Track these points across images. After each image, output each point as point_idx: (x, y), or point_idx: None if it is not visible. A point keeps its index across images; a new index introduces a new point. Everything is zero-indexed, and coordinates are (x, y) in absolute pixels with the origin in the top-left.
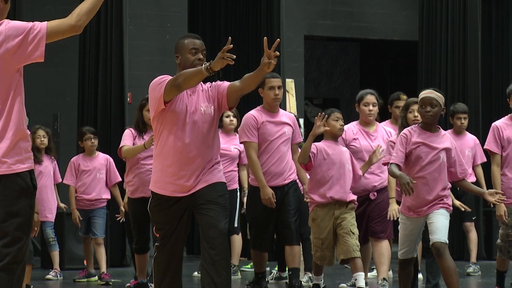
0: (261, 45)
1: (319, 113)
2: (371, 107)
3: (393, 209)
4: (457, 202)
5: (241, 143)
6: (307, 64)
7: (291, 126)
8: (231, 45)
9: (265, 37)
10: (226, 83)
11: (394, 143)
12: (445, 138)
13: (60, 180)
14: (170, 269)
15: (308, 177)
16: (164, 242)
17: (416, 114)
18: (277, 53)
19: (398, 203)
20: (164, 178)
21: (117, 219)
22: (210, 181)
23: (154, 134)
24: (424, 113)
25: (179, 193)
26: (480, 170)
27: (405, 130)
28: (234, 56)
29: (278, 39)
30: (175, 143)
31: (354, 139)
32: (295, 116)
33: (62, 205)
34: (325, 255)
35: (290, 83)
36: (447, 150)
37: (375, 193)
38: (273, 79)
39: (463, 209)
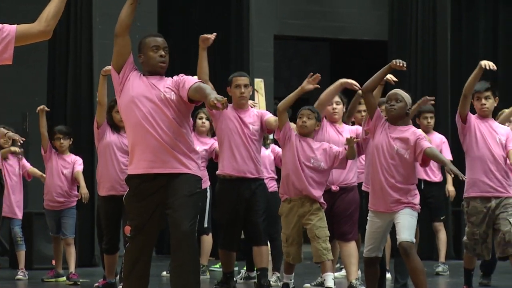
0: (231, 44)
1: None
2: (334, 106)
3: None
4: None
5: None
6: (278, 63)
7: (258, 123)
8: None
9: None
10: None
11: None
12: (411, 133)
13: (31, 178)
14: (140, 261)
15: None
16: (136, 233)
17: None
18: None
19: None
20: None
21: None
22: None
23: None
24: (389, 107)
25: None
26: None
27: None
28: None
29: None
30: None
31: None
32: None
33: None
34: (289, 251)
35: (259, 83)
36: (405, 140)
37: (337, 187)
38: (240, 77)
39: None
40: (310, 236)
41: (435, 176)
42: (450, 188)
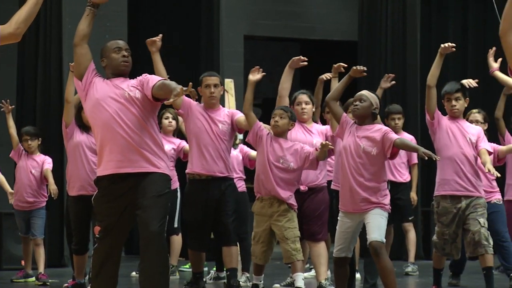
0: (201, 45)
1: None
2: (303, 105)
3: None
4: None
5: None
6: (248, 64)
7: (228, 123)
8: None
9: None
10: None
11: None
12: (377, 130)
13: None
14: (109, 262)
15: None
16: (104, 234)
17: None
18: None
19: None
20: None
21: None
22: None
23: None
24: (353, 107)
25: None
26: (415, 170)
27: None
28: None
29: (191, 83)
30: None
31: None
32: None
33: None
34: (254, 249)
35: (229, 83)
36: (371, 138)
37: (306, 187)
38: (209, 77)
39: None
40: (279, 237)
41: (401, 176)
42: (414, 196)
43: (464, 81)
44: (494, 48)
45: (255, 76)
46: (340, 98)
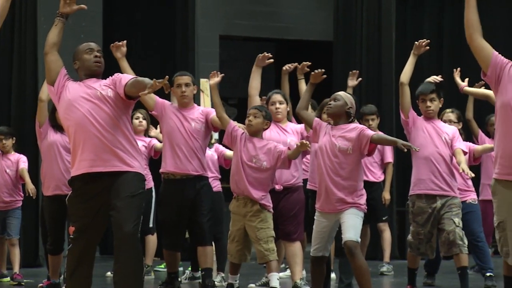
0: (176, 45)
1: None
2: (277, 105)
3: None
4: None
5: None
6: (223, 64)
7: (203, 121)
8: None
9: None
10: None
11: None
12: (352, 129)
13: None
14: (83, 262)
15: None
16: (79, 234)
17: None
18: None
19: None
20: None
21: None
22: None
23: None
24: (327, 106)
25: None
26: (390, 168)
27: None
28: (81, 6)
29: (167, 76)
30: None
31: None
32: None
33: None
34: (229, 248)
35: (204, 83)
36: (347, 137)
37: (281, 186)
38: (180, 77)
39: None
40: (252, 238)
41: (374, 176)
42: (386, 196)
43: (430, 79)
44: (459, 69)
45: (214, 80)
46: (307, 106)
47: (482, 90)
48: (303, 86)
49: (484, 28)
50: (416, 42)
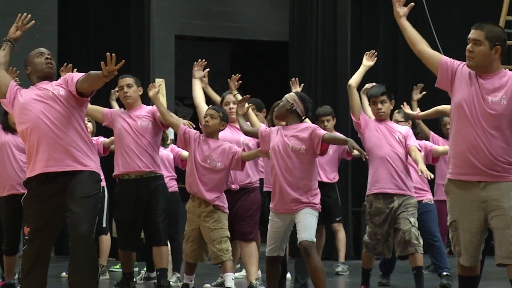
0: (132, 44)
1: None
2: (231, 105)
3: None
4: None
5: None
6: (179, 63)
7: (150, 118)
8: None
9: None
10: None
11: None
12: (304, 128)
13: None
14: (38, 262)
15: None
16: (34, 235)
17: None
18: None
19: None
20: None
21: None
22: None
23: None
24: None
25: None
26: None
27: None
28: (32, 22)
29: (123, 60)
30: None
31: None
32: None
33: None
34: (184, 247)
35: (160, 83)
36: (300, 137)
37: (237, 186)
38: (122, 79)
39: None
40: (205, 238)
41: (328, 176)
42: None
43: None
44: (422, 84)
45: (152, 91)
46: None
47: (434, 109)
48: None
49: (441, 26)
50: (366, 53)
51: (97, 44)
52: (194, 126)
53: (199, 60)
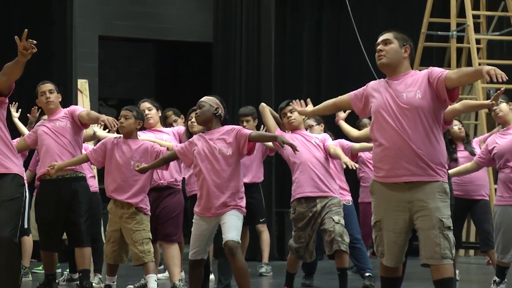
0: (54, 45)
1: None
2: (147, 112)
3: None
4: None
5: None
6: (102, 64)
7: (68, 119)
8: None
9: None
10: None
11: None
12: (228, 131)
13: None
14: None
15: None
16: None
17: None
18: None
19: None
20: None
21: None
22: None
23: None
24: (195, 116)
25: None
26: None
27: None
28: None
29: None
30: None
31: None
32: None
33: None
34: (105, 249)
35: (84, 84)
36: (225, 139)
37: (165, 180)
38: (44, 85)
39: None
40: (127, 239)
41: (252, 177)
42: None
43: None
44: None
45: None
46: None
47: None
48: None
49: (365, 28)
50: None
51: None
52: (118, 125)
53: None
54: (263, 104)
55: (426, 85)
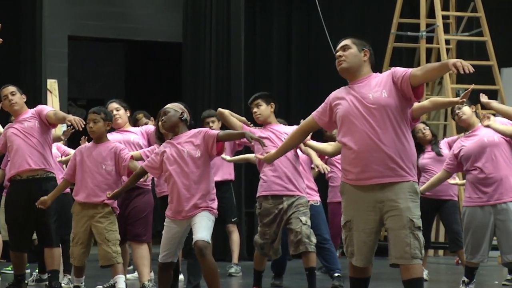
0: (22, 45)
1: None
2: (115, 112)
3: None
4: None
5: None
6: (72, 64)
7: (36, 119)
8: None
9: None
10: None
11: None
12: (195, 133)
13: None
14: None
15: None
16: None
17: None
18: None
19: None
20: None
21: None
22: None
23: None
24: (161, 123)
25: None
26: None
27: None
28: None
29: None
30: None
31: None
32: None
33: None
34: (73, 251)
35: (53, 84)
36: (192, 142)
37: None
38: (5, 88)
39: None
40: (100, 239)
41: (223, 174)
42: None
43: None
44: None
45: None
46: None
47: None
48: None
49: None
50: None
51: None
52: (84, 124)
53: None
54: (219, 109)
55: (391, 84)
